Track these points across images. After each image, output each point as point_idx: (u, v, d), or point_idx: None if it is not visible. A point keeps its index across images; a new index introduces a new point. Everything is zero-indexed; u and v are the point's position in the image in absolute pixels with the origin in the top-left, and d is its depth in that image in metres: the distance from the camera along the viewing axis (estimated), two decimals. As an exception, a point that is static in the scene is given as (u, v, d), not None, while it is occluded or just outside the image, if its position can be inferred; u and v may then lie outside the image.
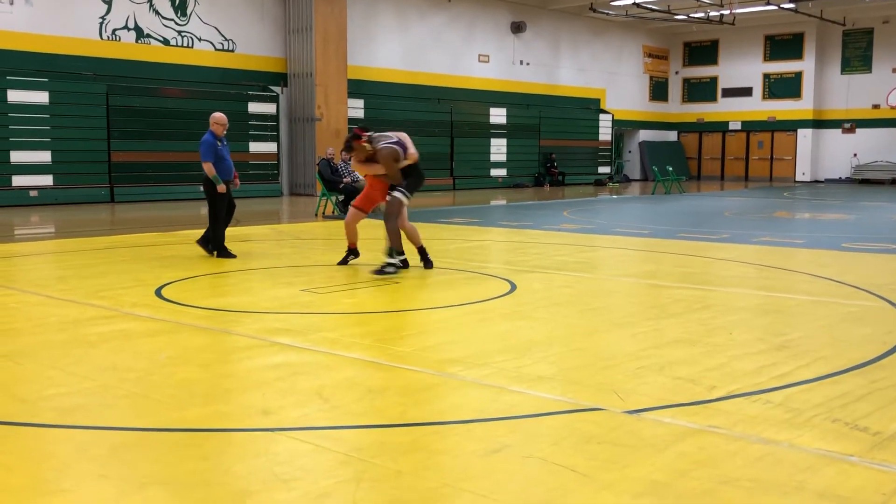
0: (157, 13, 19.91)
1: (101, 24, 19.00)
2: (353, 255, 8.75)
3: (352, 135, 8.30)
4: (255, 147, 21.25)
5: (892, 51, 31.64)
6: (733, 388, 4.27)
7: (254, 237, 11.72)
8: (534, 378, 4.46)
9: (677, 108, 36.60)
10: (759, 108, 34.48)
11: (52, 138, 17.91)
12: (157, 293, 7.08)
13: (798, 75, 33.36)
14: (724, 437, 3.56)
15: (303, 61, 21.88)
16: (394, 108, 24.27)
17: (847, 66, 32.86)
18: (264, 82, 21.89)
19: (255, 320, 6.02)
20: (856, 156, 32.82)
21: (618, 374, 4.57)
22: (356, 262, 8.72)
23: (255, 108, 21.24)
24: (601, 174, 31.67)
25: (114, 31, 19.22)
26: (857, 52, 32.53)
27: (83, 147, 18.39)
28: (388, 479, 3.13)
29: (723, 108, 35.44)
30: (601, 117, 31.90)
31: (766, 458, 3.32)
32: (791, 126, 33.80)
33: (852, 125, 32.96)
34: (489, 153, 27.55)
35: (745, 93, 34.76)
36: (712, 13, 28.87)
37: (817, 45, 32.86)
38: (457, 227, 13.32)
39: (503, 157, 27.99)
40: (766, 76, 34.24)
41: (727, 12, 28.41)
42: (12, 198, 17.28)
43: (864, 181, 32.16)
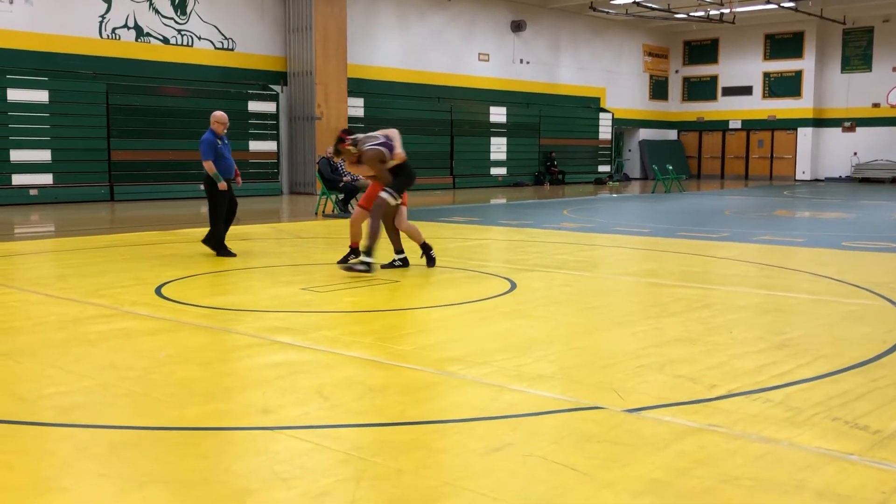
0: (156, 12, 19.90)
1: (100, 22, 18.99)
2: (354, 254, 8.75)
3: (337, 138, 8.34)
4: (254, 146, 21.25)
5: (892, 49, 31.63)
6: (733, 387, 4.27)
7: (254, 236, 11.72)
8: (534, 377, 4.46)
9: (677, 107, 36.61)
10: (759, 106, 34.49)
11: (51, 137, 17.91)
12: (157, 292, 7.08)
13: (798, 74, 33.35)
14: (724, 435, 3.56)
15: (303, 60, 21.87)
16: (394, 107, 24.27)
17: (847, 65, 32.85)
18: (264, 81, 21.89)
19: (255, 319, 6.01)
20: (856, 154, 32.82)
21: (618, 372, 4.57)
22: (357, 261, 8.70)
23: (254, 106, 21.24)
24: (601, 173, 31.67)
25: (113, 29, 19.21)
26: (858, 51, 32.52)
27: (83, 146, 18.39)
28: (389, 477, 3.13)
29: (723, 107, 35.45)
30: (601, 116, 31.89)
31: (767, 457, 3.32)
32: (791, 125, 33.80)
33: (852, 124, 32.95)
34: (489, 152, 27.54)
35: (745, 91, 34.76)
36: (712, 12, 28.87)
37: (817, 43, 32.85)
38: (457, 226, 13.32)
39: (503, 156, 27.98)
40: (767, 75, 34.23)
41: (727, 11, 28.41)
42: (12, 196, 17.28)
43: (865, 180, 32.16)
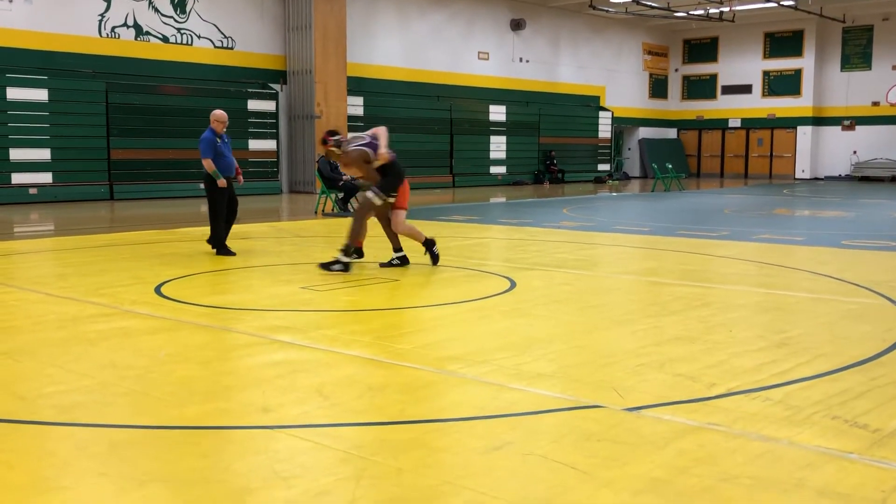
0: (156, 10, 19.89)
1: (100, 21, 18.98)
2: (356, 254, 8.75)
3: (321, 140, 8.36)
4: (254, 144, 21.24)
5: (891, 48, 31.62)
6: (733, 386, 4.27)
7: (253, 235, 11.71)
8: (534, 375, 4.46)
9: (677, 106, 36.59)
10: (758, 105, 34.47)
11: (51, 136, 17.90)
12: (157, 290, 7.08)
13: (798, 72, 33.34)
14: (723, 434, 3.56)
15: (302, 59, 21.85)
16: (393, 106, 24.26)
17: (847, 64, 32.84)
18: (264, 80, 21.88)
19: (255, 318, 6.01)
20: (855, 153, 32.82)
21: (618, 371, 4.57)
22: (358, 261, 8.71)
23: (254, 105, 21.23)
24: (601, 171, 31.67)
25: (113, 28, 19.20)
26: (857, 50, 32.51)
27: (82, 144, 18.39)
28: (389, 476, 3.13)
29: (722, 106, 35.44)
30: (601, 115, 31.88)
31: (766, 456, 3.32)
32: (791, 123, 33.79)
33: (852, 122, 32.95)
34: (489, 150, 27.54)
35: (745, 90, 34.74)
36: (712, 10, 28.86)
37: (817, 42, 32.84)
38: (456, 225, 13.32)
39: (503, 155, 27.98)
40: (766, 73, 34.21)
41: (727, 9, 28.41)
42: (12, 195, 17.27)
43: (864, 178, 32.15)
